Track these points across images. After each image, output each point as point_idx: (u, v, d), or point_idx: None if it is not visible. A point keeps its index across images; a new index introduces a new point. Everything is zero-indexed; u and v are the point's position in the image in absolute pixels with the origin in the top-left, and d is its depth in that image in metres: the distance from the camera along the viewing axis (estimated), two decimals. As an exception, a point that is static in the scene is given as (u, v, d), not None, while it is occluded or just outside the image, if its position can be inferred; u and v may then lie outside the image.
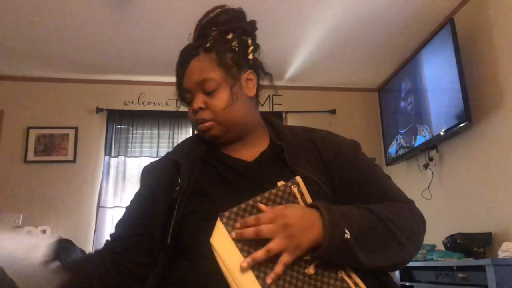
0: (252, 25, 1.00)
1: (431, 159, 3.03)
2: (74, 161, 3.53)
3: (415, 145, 3.10)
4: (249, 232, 0.71)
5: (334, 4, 2.75)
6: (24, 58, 3.36)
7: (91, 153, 3.58)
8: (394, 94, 3.51)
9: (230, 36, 0.93)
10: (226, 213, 0.74)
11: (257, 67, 0.98)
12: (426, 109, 2.95)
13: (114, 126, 3.64)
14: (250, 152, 0.93)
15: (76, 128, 3.61)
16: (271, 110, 3.84)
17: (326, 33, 3.08)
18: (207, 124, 0.89)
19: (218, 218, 0.73)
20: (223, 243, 0.71)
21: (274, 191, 0.76)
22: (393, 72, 3.69)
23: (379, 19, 2.94)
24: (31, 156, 3.49)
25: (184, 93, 0.93)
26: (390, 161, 3.54)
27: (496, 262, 1.90)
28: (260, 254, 0.69)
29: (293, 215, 0.71)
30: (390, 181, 0.92)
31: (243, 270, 0.68)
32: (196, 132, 0.97)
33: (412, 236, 0.83)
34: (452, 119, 2.63)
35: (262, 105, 3.82)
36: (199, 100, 0.89)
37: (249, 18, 1.03)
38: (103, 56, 3.37)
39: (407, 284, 2.65)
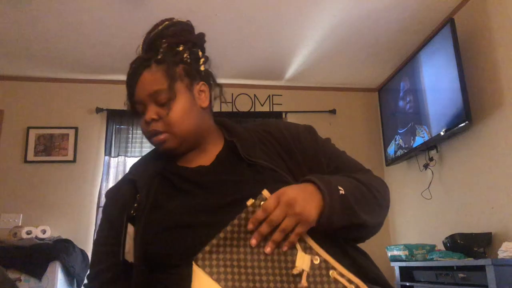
0: (201, 37, 1.01)
1: (431, 159, 3.03)
2: (74, 161, 3.53)
3: (414, 145, 3.10)
4: (264, 228, 0.72)
5: (334, 4, 2.75)
6: (24, 58, 3.36)
7: (91, 153, 3.58)
8: (394, 94, 3.51)
9: (180, 48, 0.94)
10: (199, 255, 0.71)
11: (209, 78, 0.99)
12: (426, 109, 2.95)
13: (114, 126, 3.64)
14: (207, 157, 0.93)
15: (76, 128, 3.61)
16: (271, 110, 3.84)
17: (326, 33, 3.08)
18: (162, 136, 0.89)
19: (193, 263, 0.70)
20: None
21: (243, 215, 0.74)
22: (393, 72, 3.69)
23: (379, 19, 2.94)
24: (31, 156, 3.49)
25: (135, 104, 0.91)
26: (390, 161, 3.54)
27: (496, 262, 1.90)
28: (276, 236, 0.72)
29: (292, 192, 0.74)
30: (349, 156, 0.98)
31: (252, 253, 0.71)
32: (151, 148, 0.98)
33: (385, 200, 0.90)
34: (452, 119, 2.63)
35: (262, 105, 3.83)
36: (152, 111, 0.89)
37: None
38: (103, 56, 3.37)
39: (407, 284, 2.65)
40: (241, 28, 2.97)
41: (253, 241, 0.72)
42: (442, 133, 2.74)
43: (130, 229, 0.85)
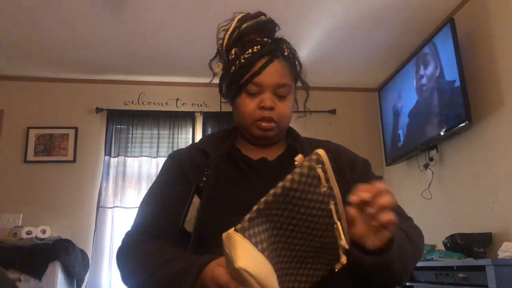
0: None
1: (431, 159, 3.02)
2: (74, 161, 3.53)
3: (414, 146, 3.10)
4: (371, 210, 0.68)
5: (334, 4, 2.75)
6: (24, 58, 3.36)
7: (91, 153, 3.58)
8: (394, 94, 3.51)
9: (294, 52, 1.03)
10: (238, 226, 0.64)
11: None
12: (426, 109, 2.95)
13: (114, 126, 3.64)
14: (269, 155, 0.99)
15: (76, 128, 3.60)
16: (271, 110, 3.84)
17: (326, 33, 3.08)
18: (271, 124, 0.95)
19: (234, 233, 0.64)
20: (253, 259, 0.62)
21: (297, 174, 0.66)
22: (393, 72, 3.69)
23: (379, 19, 2.94)
24: (31, 156, 3.49)
25: (251, 84, 0.94)
26: (390, 161, 3.54)
27: (496, 262, 1.89)
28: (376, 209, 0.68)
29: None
30: (395, 199, 0.96)
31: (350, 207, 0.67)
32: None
33: (421, 251, 0.88)
34: (452, 119, 2.63)
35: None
36: (270, 100, 0.94)
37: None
38: (103, 56, 3.36)
39: (407, 284, 2.65)
40: (241, 28, 2.96)
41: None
42: (442, 133, 2.74)
43: (196, 200, 0.89)
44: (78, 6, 2.71)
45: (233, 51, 0.98)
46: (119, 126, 3.66)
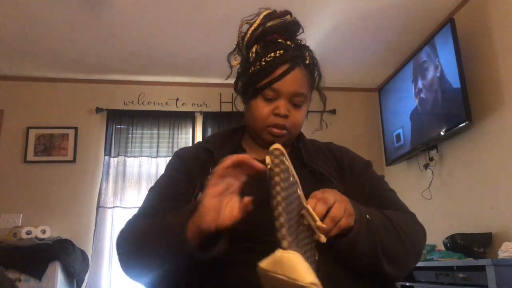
0: None
1: (431, 159, 3.02)
2: (74, 161, 3.53)
3: (415, 145, 3.10)
4: (330, 224, 0.73)
5: (334, 4, 2.75)
6: (24, 58, 3.36)
7: (91, 153, 3.58)
8: (394, 94, 3.51)
9: (316, 61, 1.02)
10: (285, 244, 0.60)
11: None
12: (426, 109, 2.95)
13: (114, 126, 3.64)
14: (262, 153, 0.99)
15: (76, 128, 3.60)
16: (271, 110, 3.83)
17: (326, 33, 3.08)
18: (283, 131, 0.95)
19: (287, 253, 0.60)
20: (311, 270, 0.60)
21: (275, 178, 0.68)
22: (393, 72, 3.69)
23: (379, 19, 2.94)
24: (31, 156, 3.49)
25: (269, 90, 0.93)
26: (390, 161, 3.54)
27: (496, 262, 1.89)
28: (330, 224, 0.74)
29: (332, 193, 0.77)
30: (396, 195, 0.99)
31: None
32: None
33: (414, 243, 0.87)
34: (452, 119, 2.63)
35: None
36: (286, 107, 0.94)
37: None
38: (103, 56, 3.36)
39: (407, 284, 2.65)
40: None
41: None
42: (442, 133, 2.73)
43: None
44: (79, 7, 2.71)
45: (254, 49, 0.96)
46: (119, 126, 3.66)
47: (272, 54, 0.93)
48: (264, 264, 0.60)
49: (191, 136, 3.71)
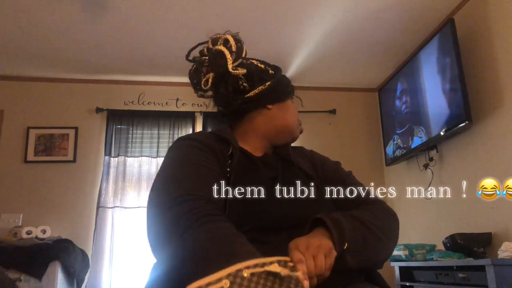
0: None
1: (431, 159, 3.02)
2: (74, 161, 3.53)
3: (412, 146, 3.10)
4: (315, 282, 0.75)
5: (334, 4, 2.75)
6: (24, 58, 3.36)
7: (91, 153, 3.58)
8: (394, 94, 3.51)
9: None
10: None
11: None
12: (425, 109, 2.95)
13: (114, 126, 3.64)
14: (257, 152, 1.08)
15: (76, 128, 3.60)
16: (271, 110, 3.83)
17: (326, 33, 3.08)
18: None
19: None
20: None
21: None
22: (393, 72, 3.69)
23: (379, 19, 2.94)
24: (31, 156, 3.49)
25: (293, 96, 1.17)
26: (390, 161, 3.54)
27: (496, 262, 1.89)
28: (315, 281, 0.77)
29: (304, 240, 0.79)
30: (363, 185, 1.11)
31: None
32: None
33: (391, 234, 0.98)
34: (452, 119, 2.63)
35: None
36: None
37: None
38: (103, 56, 3.36)
39: (407, 284, 2.65)
40: (241, 28, 2.96)
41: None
42: (442, 133, 2.74)
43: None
44: (79, 7, 2.71)
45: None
46: (119, 126, 3.66)
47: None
48: None
49: (191, 136, 3.71)
